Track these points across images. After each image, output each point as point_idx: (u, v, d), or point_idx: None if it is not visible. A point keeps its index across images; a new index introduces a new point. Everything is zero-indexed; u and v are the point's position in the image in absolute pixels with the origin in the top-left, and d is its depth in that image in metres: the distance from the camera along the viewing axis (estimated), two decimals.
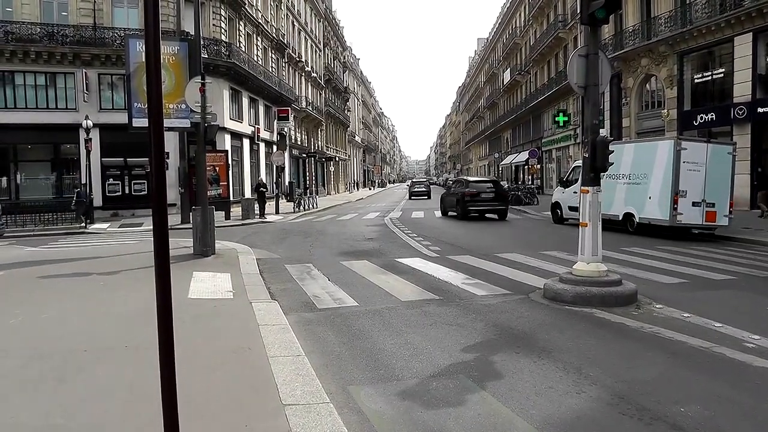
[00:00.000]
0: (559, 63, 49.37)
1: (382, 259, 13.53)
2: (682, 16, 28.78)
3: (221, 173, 28.12)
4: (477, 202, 25.78)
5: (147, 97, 3.13)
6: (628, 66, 33.69)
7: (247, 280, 10.29)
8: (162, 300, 3.10)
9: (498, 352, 6.26)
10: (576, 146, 43.28)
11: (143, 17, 3.04)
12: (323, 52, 70.87)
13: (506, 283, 10.07)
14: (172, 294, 3.11)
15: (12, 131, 30.86)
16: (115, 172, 32.61)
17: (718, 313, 7.73)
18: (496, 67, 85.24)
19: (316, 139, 65.79)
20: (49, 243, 19.00)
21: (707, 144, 17.51)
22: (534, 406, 4.74)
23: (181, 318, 6.54)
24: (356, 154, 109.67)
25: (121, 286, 9.89)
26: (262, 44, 44.74)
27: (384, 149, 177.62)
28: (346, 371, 5.69)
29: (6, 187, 31.73)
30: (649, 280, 10.31)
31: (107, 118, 30.51)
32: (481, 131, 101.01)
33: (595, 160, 8.51)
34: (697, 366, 5.75)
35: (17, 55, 30.41)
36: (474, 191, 26.10)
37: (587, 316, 7.74)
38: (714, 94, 28.17)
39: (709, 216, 16.95)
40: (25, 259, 13.70)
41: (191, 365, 5.15)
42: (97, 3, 31.82)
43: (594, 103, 8.81)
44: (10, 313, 7.71)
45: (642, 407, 4.68)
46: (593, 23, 8.67)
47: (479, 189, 26.33)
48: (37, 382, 5.06)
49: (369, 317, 7.82)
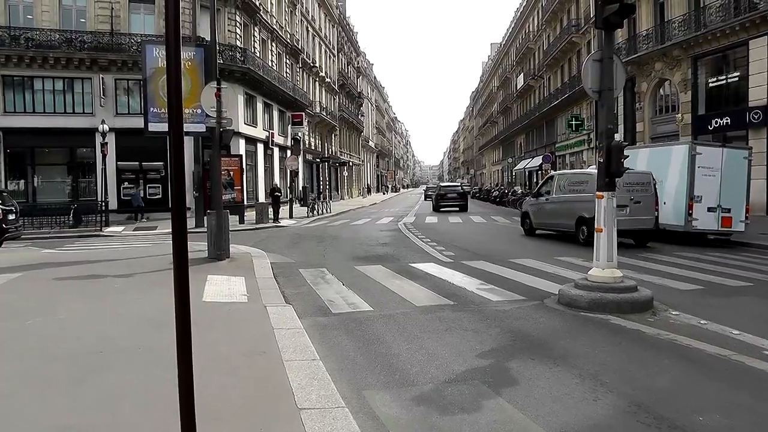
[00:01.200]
0: (573, 68, 49.23)
1: (396, 263, 13.52)
2: (696, 19, 28.62)
3: (235, 178, 28.22)
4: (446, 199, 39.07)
5: (167, 104, 3.15)
6: (642, 70, 33.54)
7: (261, 284, 10.31)
8: (180, 302, 3.12)
9: (513, 358, 6.23)
10: (590, 151, 43.10)
11: (164, 26, 3.06)
12: (337, 57, 71.07)
13: (521, 289, 10.03)
14: None
15: (30, 135, 31.31)
16: (130, 176, 32.94)
17: (736, 320, 7.66)
18: (509, 71, 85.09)
19: (329, 144, 65.95)
20: (65, 245, 19.13)
21: (722, 149, 17.40)
22: (550, 413, 4.70)
23: (196, 321, 6.51)
24: (370, 159, 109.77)
25: (136, 288, 9.93)
26: (277, 50, 44.93)
27: (397, 154, 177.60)
28: (361, 376, 5.68)
29: (23, 189, 32.06)
30: (664, 286, 10.23)
31: (123, 123, 30.86)
32: (494, 136, 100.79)
33: (610, 165, 8.46)
34: (715, 374, 5.69)
35: (36, 60, 30.85)
36: (443, 193, 40.37)
37: (603, 323, 7.69)
38: (729, 98, 27.99)
39: (724, 221, 16.81)
40: (42, 261, 13.78)
41: (206, 368, 5.16)
42: (115, 10, 32.21)
43: (609, 108, 8.78)
44: (27, 314, 7.76)
45: (660, 416, 4.63)
46: (608, 27, 8.63)
47: (447, 191, 40.68)
48: (52, 383, 5.08)
49: (383, 322, 7.81)
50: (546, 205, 19.90)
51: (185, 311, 3.13)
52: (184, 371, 3.13)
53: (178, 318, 3.12)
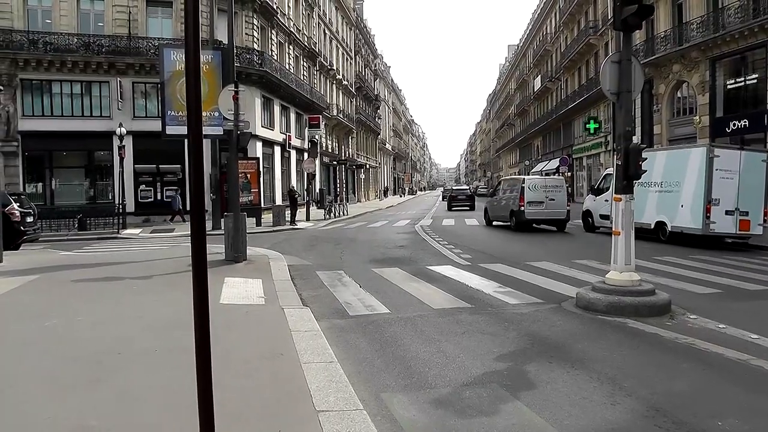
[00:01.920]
0: (590, 70, 49.01)
1: (413, 266, 13.52)
2: (715, 21, 28.36)
3: (252, 180, 28.29)
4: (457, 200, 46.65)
5: (187, 108, 3.19)
6: (660, 72, 33.31)
7: (278, 287, 10.33)
8: (199, 304, 3.14)
9: (531, 361, 6.21)
10: (607, 153, 42.88)
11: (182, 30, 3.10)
12: (354, 60, 71.18)
13: (538, 292, 10.00)
14: None
15: (48, 138, 31.65)
16: (148, 179, 33.18)
17: (755, 324, 7.59)
18: (526, 74, 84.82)
19: (346, 146, 66.06)
20: (83, 247, 19.31)
21: (740, 151, 17.26)
22: (568, 416, 4.69)
23: (214, 323, 6.54)
24: (386, 161, 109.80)
25: (154, 290, 10.00)
26: (294, 52, 45.08)
27: (414, 156, 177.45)
28: (379, 378, 5.69)
29: (41, 192, 32.38)
30: (682, 290, 10.16)
31: (140, 126, 31.05)
32: (511, 138, 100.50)
33: (628, 168, 8.42)
34: (734, 379, 5.65)
35: (55, 64, 31.16)
36: (454, 195, 48.97)
37: (621, 326, 7.65)
38: (747, 100, 27.70)
39: (742, 225, 16.65)
40: (60, 263, 13.90)
41: (224, 370, 5.18)
42: (133, 14, 32.45)
43: (627, 110, 8.73)
44: (46, 316, 7.83)
45: (678, 420, 4.60)
46: (626, 29, 8.59)
47: (458, 193, 49.46)
48: (71, 384, 5.12)
49: (401, 325, 7.81)
50: (494, 202, 27.05)
51: (204, 313, 3.16)
52: (202, 372, 3.15)
53: (197, 319, 3.15)
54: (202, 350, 3.15)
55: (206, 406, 3.17)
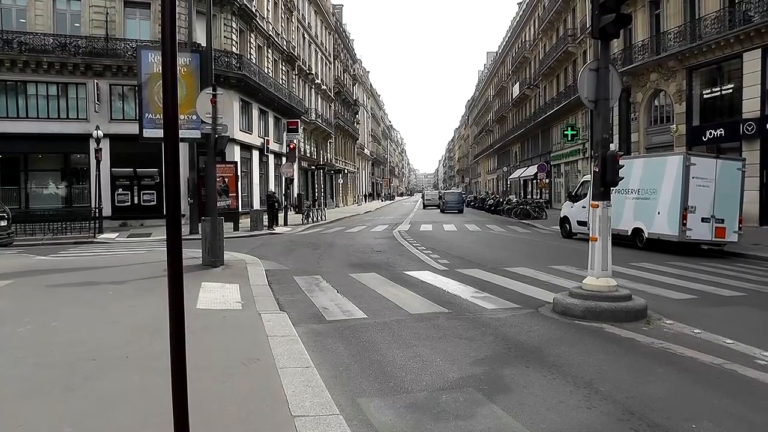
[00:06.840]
0: (568, 77, 49.37)
1: (391, 271, 13.52)
2: (692, 31, 28.72)
3: (230, 184, 28.12)
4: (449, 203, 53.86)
5: (163, 111, 3.16)
6: (637, 81, 33.66)
7: (255, 291, 10.28)
8: (174, 309, 3.12)
9: (508, 366, 6.23)
10: (585, 160, 43.20)
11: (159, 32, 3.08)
12: (333, 64, 71.16)
13: (515, 297, 10.05)
14: None
15: (23, 140, 31.08)
16: (125, 183, 32.77)
17: (729, 329, 7.69)
18: (505, 81, 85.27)
19: (325, 151, 65.96)
20: (58, 252, 19.07)
21: (716, 160, 17.50)
22: (544, 420, 4.71)
23: (190, 328, 6.52)
24: (365, 166, 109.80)
25: (130, 295, 9.89)
26: (273, 56, 44.97)
27: (393, 162, 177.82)
28: (356, 383, 5.67)
29: (16, 196, 31.89)
30: (658, 295, 10.26)
31: (118, 129, 30.73)
32: (489, 145, 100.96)
33: (606, 175, 8.49)
34: (708, 382, 5.71)
35: (30, 65, 30.68)
36: (447, 199, 55.16)
37: (597, 331, 7.70)
38: (723, 109, 28.06)
39: (718, 232, 16.88)
40: (34, 268, 13.72)
41: (200, 376, 5.15)
42: (110, 14, 32.13)
43: (604, 118, 8.80)
44: (19, 321, 7.72)
45: (653, 423, 4.65)
46: (604, 37, 8.67)
47: (450, 197, 55.84)
48: (45, 391, 5.05)
49: (378, 330, 7.80)
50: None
51: (179, 317, 3.13)
52: (178, 378, 3.13)
53: (172, 324, 3.12)
54: (177, 355, 3.13)
55: (181, 412, 3.15)
